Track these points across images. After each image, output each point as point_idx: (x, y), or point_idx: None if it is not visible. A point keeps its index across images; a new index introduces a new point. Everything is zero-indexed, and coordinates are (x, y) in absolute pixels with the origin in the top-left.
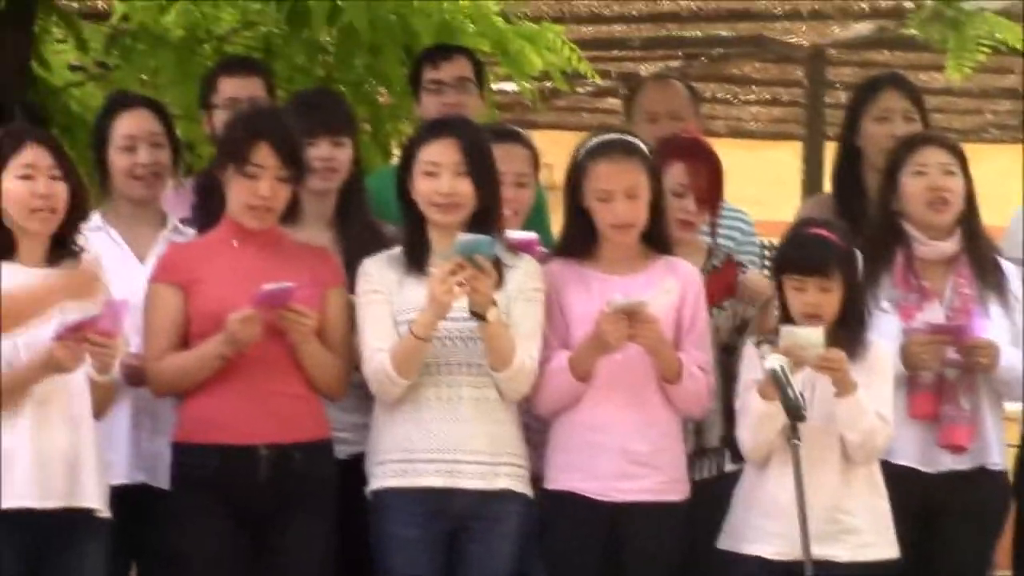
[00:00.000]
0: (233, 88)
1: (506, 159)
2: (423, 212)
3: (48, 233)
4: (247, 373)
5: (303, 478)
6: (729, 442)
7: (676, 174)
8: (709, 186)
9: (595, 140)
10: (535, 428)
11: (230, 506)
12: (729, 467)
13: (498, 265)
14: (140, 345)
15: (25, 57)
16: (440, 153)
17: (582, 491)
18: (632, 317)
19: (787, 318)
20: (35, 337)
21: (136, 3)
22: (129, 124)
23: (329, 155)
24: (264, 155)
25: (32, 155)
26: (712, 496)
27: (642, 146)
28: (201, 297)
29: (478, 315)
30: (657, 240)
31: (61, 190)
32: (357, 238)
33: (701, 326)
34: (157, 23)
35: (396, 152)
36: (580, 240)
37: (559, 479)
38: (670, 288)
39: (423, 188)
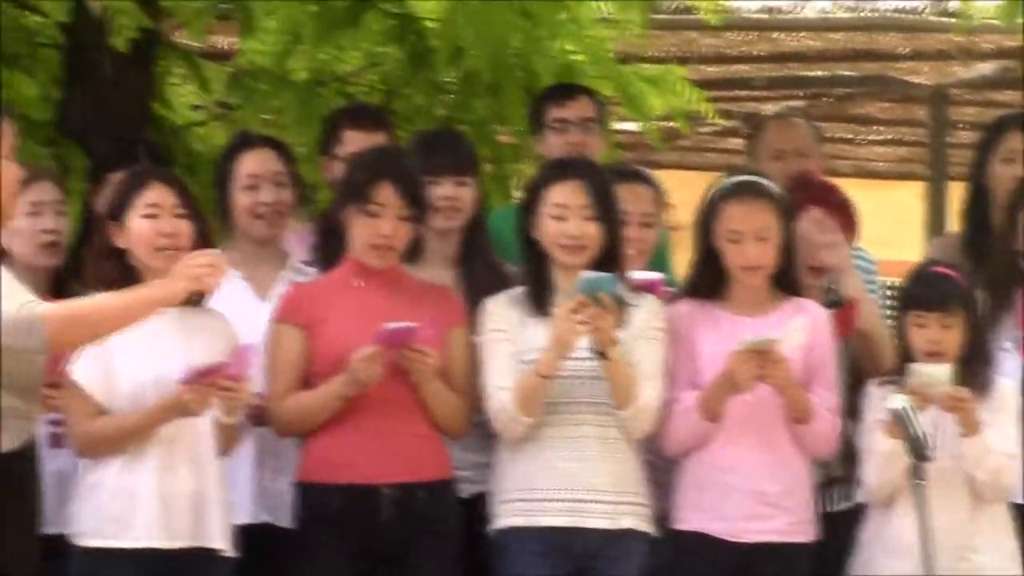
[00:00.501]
0: (358, 143)
1: (631, 199)
2: (548, 252)
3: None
4: (370, 413)
5: (426, 517)
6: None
7: (812, 221)
8: (843, 231)
9: (727, 181)
10: (659, 466)
11: (353, 545)
12: (859, 499)
13: (621, 304)
14: (262, 384)
15: (147, 97)
16: (567, 195)
17: (712, 531)
18: (763, 357)
19: (907, 357)
20: (164, 379)
21: (260, 46)
22: (253, 163)
23: (452, 194)
24: (386, 194)
25: (156, 194)
26: (842, 529)
27: (774, 188)
28: (323, 337)
29: (601, 353)
30: (786, 282)
31: (185, 228)
32: (480, 277)
33: (829, 367)
34: (280, 65)
35: (516, 192)
36: (710, 280)
37: (689, 519)
38: (799, 328)
39: (550, 230)
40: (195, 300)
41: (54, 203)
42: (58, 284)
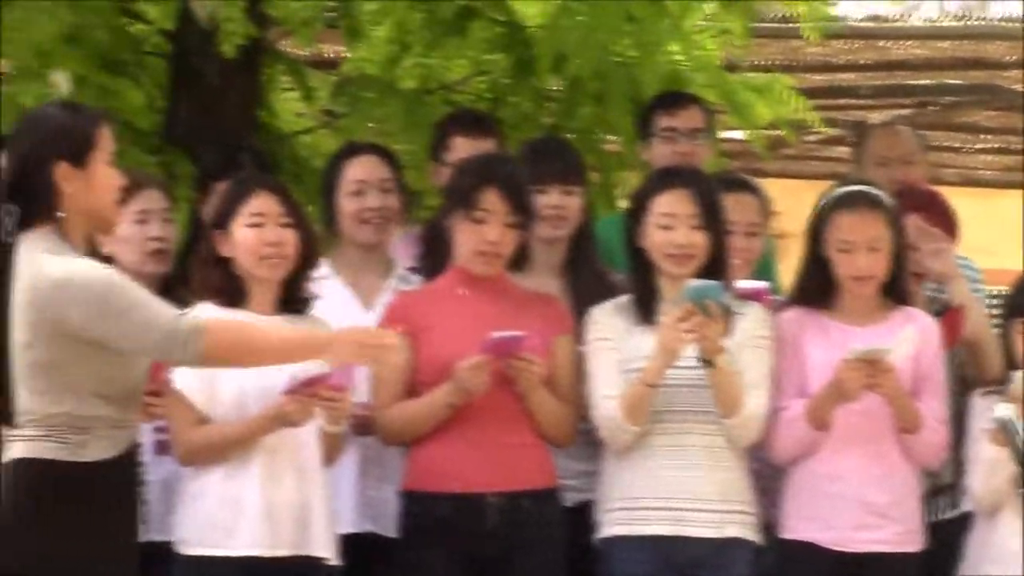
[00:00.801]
0: (466, 149)
1: (737, 209)
2: (654, 262)
3: (278, 280)
4: (475, 421)
5: (531, 526)
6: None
7: (914, 228)
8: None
9: (839, 191)
10: (765, 474)
11: (458, 554)
12: (965, 507)
13: (727, 312)
14: (366, 393)
15: (253, 104)
16: (675, 205)
17: (820, 541)
18: (872, 366)
19: (1012, 366)
20: (267, 388)
21: (367, 54)
22: (359, 169)
23: (559, 203)
24: (493, 200)
25: (261, 203)
26: (949, 537)
27: (886, 199)
28: (429, 345)
29: (707, 361)
30: (896, 291)
31: (291, 237)
32: (586, 286)
33: (938, 377)
34: (387, 73)
35: (622, 200)
36: (818, 289)
37: (796, 528)
38: (909, 338)
39: (658, 239)
40: (299, 308)
41: (161, 211)
42: (166, 292)
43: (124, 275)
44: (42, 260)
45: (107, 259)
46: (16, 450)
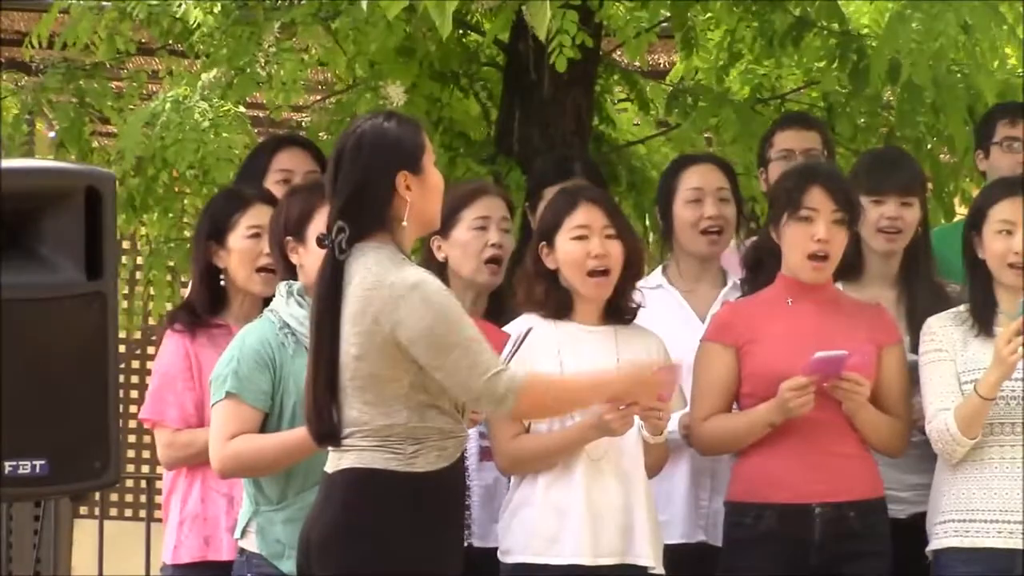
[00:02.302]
0: (790, 141)
1: None
2: (992, 272)
3: (604, 296)
4: (802, 432)
5: (858, 537)
6: None
7: None
8: None
9: None
10: None
11: (784, 565)
12: None
13: None
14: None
15: (587, 115)
16: (1015, 212)
17: None
18: None
19: None
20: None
21: (698, 63)
22: (696, 177)
23: (896, 214)
24: (818, 198)
25: (586, 215)
26: None
27: None
28: (754, 358)
29: None
30: None
31: (616, 250)
32: (922, 297)
33: None
34: (719, 82)
35: (958, 210)
36: None
37: None
38: None
39: (997, 248)
40: (625, 319)
41: (500, 219)
42: (498, 302)
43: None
44: (383, 270)
45: (441, 266)
46: (347, 460)
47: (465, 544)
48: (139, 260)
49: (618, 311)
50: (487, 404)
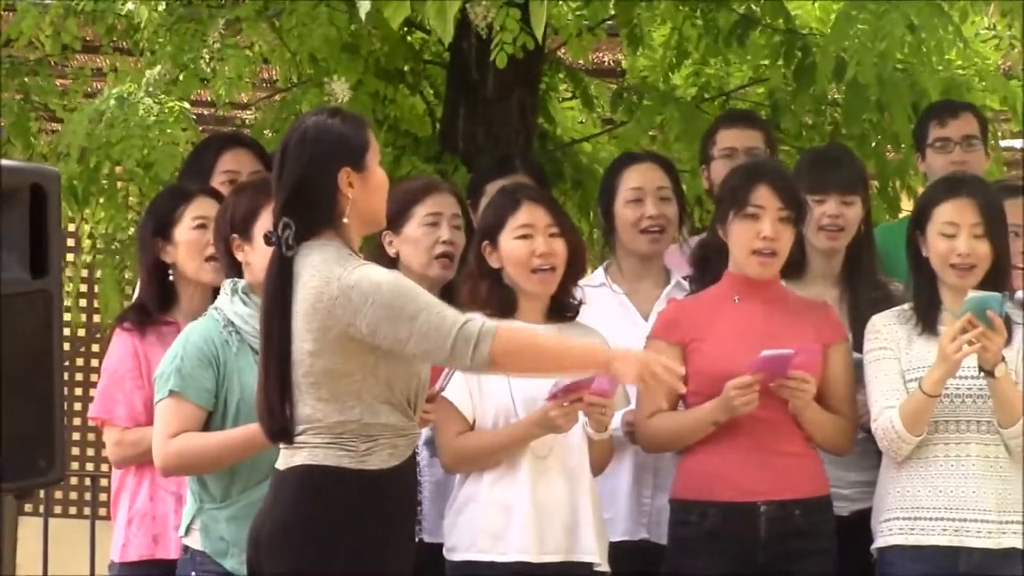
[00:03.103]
0: (732, 139)
1: (1021, 214)
2: (936, 271)
3: (549, 292)
4: (747, 430)
5: (803, 535)
6: None
7: None
8: None
9: None
10: None
11: (729, 564)
12: None
13: (1008, 323)
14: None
15: (532, 113)
16: (958, 214)
17: None
18: None
19: None
20: (532, 399)
21: (644, 62)
22: (637, 177)
23: (837, 212)
24: (764, 196)
25: (529, 214)
26: None
27: None
28: (700, 356)
29: (987, 372)
30: None
31: (560, 248)
32: (865, 295)
33: None
34: (666, 81)
35: (904, 207)
36: None
37: None
38: None
39: (940, 249)
40: (568, 317)
41: (451, 216)
42: (451, 296)
43: (408, 279)
44: (330, 267)
45: (393, 261)
46: (299, 457)
47: (416, 539)
48: (83, 258)
49: (561, 308)
50: (463, 355)
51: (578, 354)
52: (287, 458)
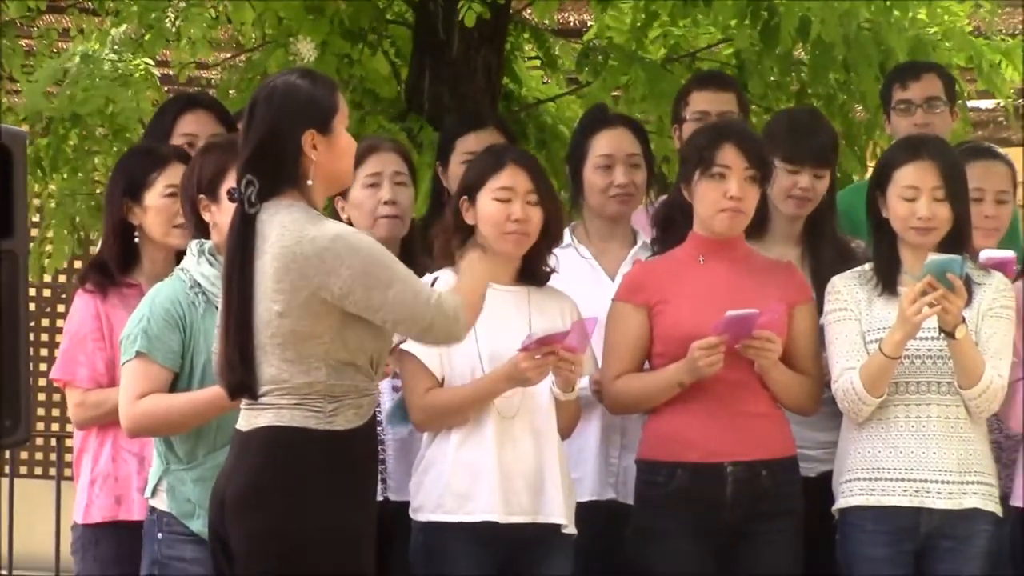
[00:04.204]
0: (705, 102)
1: (987, 176)
2: (897, 232)
3: (519, 254)
4: (713, 391)
5: (770, 496)
6: None
7: None
8: None
9: None
10: (1005, 447)
11: (695, 523)
12: None
13: (968, 284)
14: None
15: (497, 73)
16: (918, 177)
17: None
18: None
19: None
20: (500, 355)
21: (611, 22)
22: (607, 143)
23: (809, 185)
24: (730, 156)
25: (512, 177)
26: None
27: None
28: (666, 318)
29: (948, 334)
30: None
31: (536, 216)
32: (825, 255)
33: None
34: (637, 43)
35: (872, 165)
36: None
37: None
38: None
39: (901, 211)
40: (538, 282)
41: (393, 174)
42: (405, 256)
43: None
44: (302, 226)
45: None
46: (264, 418)
47: (381, 498)
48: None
49: (532, 275)
50: (440, 329)
51: (484, 270)
52: (251, 419)
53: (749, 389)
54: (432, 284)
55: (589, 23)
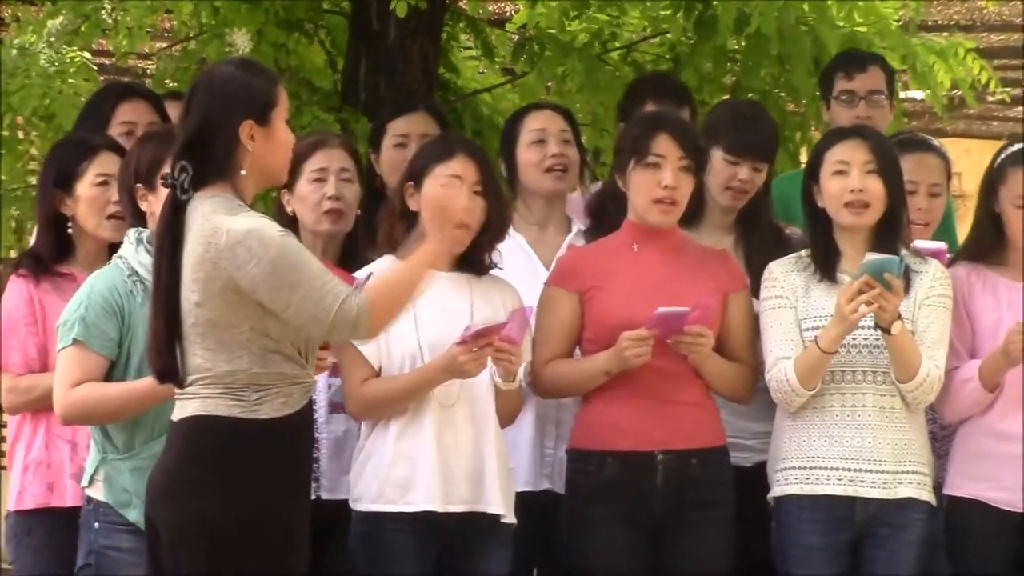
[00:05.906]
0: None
1: (920, 168)
2: (831, 215)
3: (466, 244)
4: (644, 380)
5: (700, 484)
6: None
7: None
8: None
9: (1017, 147)
10: (939, 437)
11: (626, 513)
12: None
13: (906, 273)
14: None
15: (434, 63)
16: (849, 153)
17: (990, 500)
18: None
19: None
20: (440, 343)
21: (541, 10)
22: (539, 120)
23: (747, 178)
24: (665, 145)
25: (460, 166)
26: None
27: None
28: (598, 305)
29: (884, 330)
30: None
31: (479, 207)
32: (760, 241)
33: None
34: (562, 30)
35: (804, 160)
36: (989, 246)
37: (964, 487)
38: None
39: (832, 188)
40: (479, 272)
41: (339, 170)
42: (350, 251)
43: (301, 243)
44: (220, 217)
45: (292, 220)
46: (191, 408)
47: (314, 497)
48: None
49: (472, 265)
50: (343, 333)
51: (416, 264)
52: (180, 408)
53: (681, 379)
54: (367, 277)
55: (519, 8)
